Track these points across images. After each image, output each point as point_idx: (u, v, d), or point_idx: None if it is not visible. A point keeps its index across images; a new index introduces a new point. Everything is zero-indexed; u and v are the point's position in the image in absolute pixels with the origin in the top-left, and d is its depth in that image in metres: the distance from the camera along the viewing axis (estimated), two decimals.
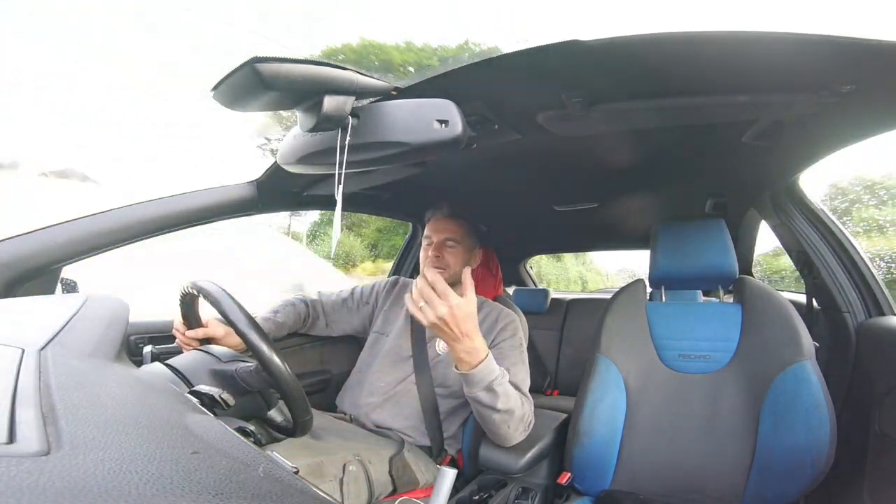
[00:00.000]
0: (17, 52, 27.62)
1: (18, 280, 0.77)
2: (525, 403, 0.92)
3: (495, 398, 0.83)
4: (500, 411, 0.85)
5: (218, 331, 0.89)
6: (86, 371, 0.38)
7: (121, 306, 0.58)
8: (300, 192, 1.10)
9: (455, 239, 1.09)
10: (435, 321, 0.77)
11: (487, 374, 0.82)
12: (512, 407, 0.86)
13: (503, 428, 0.88)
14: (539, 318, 2.18)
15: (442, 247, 1.09)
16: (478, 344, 0.81)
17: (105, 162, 15.15)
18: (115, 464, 0.24)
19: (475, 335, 0.80)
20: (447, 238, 1.09)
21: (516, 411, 0.87)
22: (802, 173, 1.03)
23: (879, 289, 0.99)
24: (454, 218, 1.12)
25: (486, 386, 0.82)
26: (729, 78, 0.63)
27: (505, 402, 0.84)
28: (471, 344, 0.80)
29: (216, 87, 0.54)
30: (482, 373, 0.81)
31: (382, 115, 0.60)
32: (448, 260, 1.08)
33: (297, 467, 0.41)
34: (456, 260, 1.09)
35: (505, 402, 0.84)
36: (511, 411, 0.86)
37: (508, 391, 0.85)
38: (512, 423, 0.88)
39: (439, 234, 1.10)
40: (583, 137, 0.86)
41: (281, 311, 1.14)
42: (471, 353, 0.80)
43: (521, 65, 0.61)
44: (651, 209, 1.54)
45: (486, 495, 0.93)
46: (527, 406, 0.92)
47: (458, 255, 1.10)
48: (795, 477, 0.85)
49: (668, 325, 1.09)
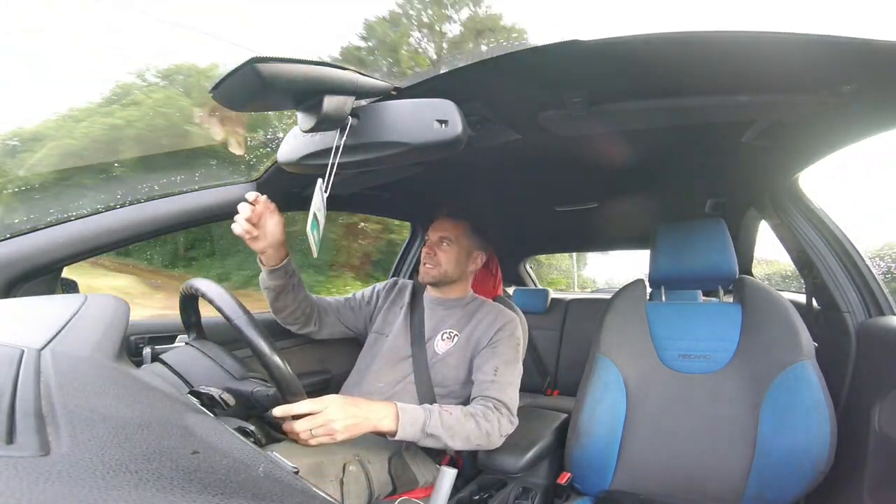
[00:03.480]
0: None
1: (18, 280, 0.77)
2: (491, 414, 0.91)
3: (439, 440, 0.83)
4: (457, 441, 0.85)
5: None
6: (86, 371, 0.38)
7: (121, 306, 0.58)
8: (300, 191, 1.10)
9: (450, 238, 1.10)
10: (333, 429, 0.74)
11: (413, 424, 0.81)
12: (465, 433, 0.86)
13: (472, 446, 0.88)
14: (539, 318, 2.19)
15: (436, 245, 1.10)
16: (375, 406, 0.81)
17: None
18: (115, 464, 0.24)
19: (362, 404, 0.80)
20: (442, 237, 1.10)
21: (472, 434, 0.87)
22: (802, 173, 1.03)
23: (879, 289, 0.99)
24: (453, 218, 1.13)
25: (424, 434, 0.82)
26: (729, 78, 0.63)
27: (454, 435, 0.84)
28: (369, 411, 0.79)
29: (216, 87, 0.54)
30: (409, 426, 0.81)
31: (382, 115, 0.60)
32: (440, 258, 1.09)
33: (297, 467, 0.41)
34: (448, 258, 1.10)
35: (454, 435, 0.84)
36: (466, 437, 0.86)
37: (450, 423, 0.85)
38: (477, 441, 0.88)
39: (436, 232, 1.11)
40: (583, 137, 0.86)
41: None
42: (382, 417, 0.80)
43: (521, 65, 0.61)
44: (651, 209, 1.54)
45: (486, 495, 0.93)
46: (493, 415, 0.91)
47: (451, 253, 1.10)
48: (795, 477, 0.85)
49: (668, 325, 1.09)
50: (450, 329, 1.09)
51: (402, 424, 0.80)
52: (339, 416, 0.75)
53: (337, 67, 0.56)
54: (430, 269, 1.10)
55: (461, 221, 1.13)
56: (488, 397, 0.95)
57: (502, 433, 0.92)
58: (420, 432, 0.82)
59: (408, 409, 0.83)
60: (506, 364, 0.99)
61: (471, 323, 1.08)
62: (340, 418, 0.75)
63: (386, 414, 0.81)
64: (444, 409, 0.86)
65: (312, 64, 0.54)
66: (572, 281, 10.40)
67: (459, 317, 1.10)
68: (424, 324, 1.12)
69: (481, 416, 0.90)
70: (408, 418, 0.81)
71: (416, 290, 1.21)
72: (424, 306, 1.15)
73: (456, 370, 1.04)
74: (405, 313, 1.15)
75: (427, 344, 1.09)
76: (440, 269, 1.09)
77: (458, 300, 1.14)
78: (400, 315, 1.15)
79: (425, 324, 1.12)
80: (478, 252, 1.16)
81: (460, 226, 1.12)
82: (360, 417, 0.77)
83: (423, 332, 1.10)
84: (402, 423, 0.80)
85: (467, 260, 1.13)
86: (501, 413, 0.93)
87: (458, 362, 1.04)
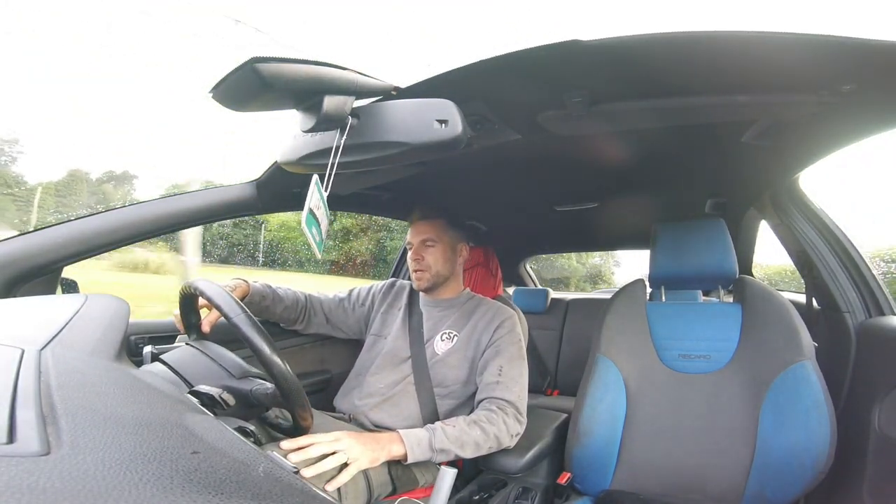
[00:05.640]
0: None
1: (19, 280, 0.77)
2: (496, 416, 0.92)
3: (450, 453, 0.85)
4: (468, 450, 0.86)
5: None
6: (86, 371, 0.38)
7: (121, 306, 0.58)
8: (300, 191, 1.10)
9: (432, 238, 1.10)
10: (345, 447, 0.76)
11: (419, 444, 0.83)
12: (473, 440, 0.87)
13: (485, 451, 0.89)
14: (539, 318, 2.19)
15: (420, 248, 1.10)
16: (381, 436, 0.83)
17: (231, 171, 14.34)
18: (115, 464, 0.24)
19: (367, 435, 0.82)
20: (424, 239, 1.10)
21: (480, 440, 0.88)
22: (802, 173, 1.03)
23: (879, 289, 0.99)
24: (428, 219, 1.13)
25: (433, 450, 0.84)
26: (729, 78, 0.63)
27: (463, 445, 0.86)
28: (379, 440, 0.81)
29: (216, 88, 0.54)
30: (416, 448, 0.83)
31: (382, 115, 0.60)
32: (428, 260, 1.10)
33: (298, 467, 0.41)
34: (436, 258, 1.10)
35: (463, 445, 0.86)
36: (476, 443, 0.87)
37: (455, 434, 0.86)
38: (488, 445, 0.89)
39: (416, 236, 1.12)
40: (583, 137, 0.86)
41: (283, 289, 1.14)
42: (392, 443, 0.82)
43: (521, 65, 0.61)
44: (651, 209, 1.54)
45: (486, 495, 0.93)
46: (498, 416, 0.92)
47: (437, 253, 1.10)
48: (795, 476, 0.85)
49: (668, 325, 1.09)
50: (449, 329, 1.09)
51: (409, 447, 0.82)
52: (358, 450, 0.77)
53: (337, 67, 0.56)
54: (422, 274, 1.10)
55: (437, 219, 1.13)
56: (493, 398, 0.95)
57: (511, 433, 0.92)
58: (429, 450, 0.83)
59: (410, 432, 0.84)
60: (509, 362, 0.99)
61: (470, 322, 1.08)
62: (361, 452, 0.77)
63: (392, 439, 0.83)
64: (446, 424, 0.88)
65: (312, 64, 0.54)
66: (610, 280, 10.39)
67: (458, 316, 1.10)
68: (423, 325, 1.12)
69: (485, 420, 0.90)
70: (413, 440, 0.83)
71: (413, 291, 1.21)
72: (422, 308, 1.15)
73: (457, 370, 1.04)
74: (403, 315, 1.15)
75: (426, 345, 1.09)
76: (431, 270, 1.10)
77: (453, 300, 1.14)
78: (398, 317, 1.15)
79: (424, 325, 1.12)
80: (461, 244, 1.16)
81: (438, 223, 1.12)
82: (377, 448, 0.80)
83: (422, 334, 1.10)
84: (410, 446, 0.82)
85: (454, 255, 1.14)
86: (507, 413, 0.93)
87: (459, 362, 1.04)
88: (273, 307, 1.10)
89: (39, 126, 21.48)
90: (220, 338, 0.84)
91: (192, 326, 0.84)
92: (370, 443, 0.80)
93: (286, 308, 1.13)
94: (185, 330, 0.85)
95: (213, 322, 0.87)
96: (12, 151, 6.29)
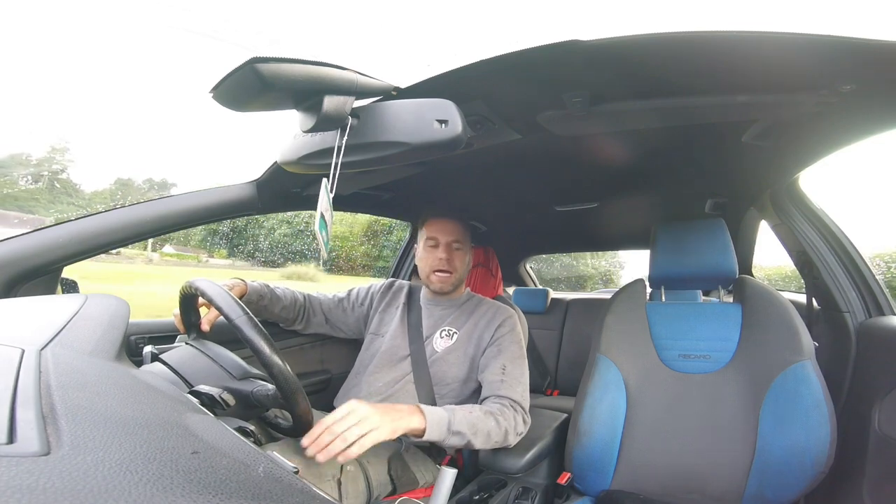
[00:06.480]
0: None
1: (19, 280, 0.77)
2: (507, 412, 0.91)
3: (463, 437, 0.83)
4: (479, 439, 0.85)
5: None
6: (86, 371, 0.38)
7: (121, 306, 0.58)
8: (300, 191, 1.10)
9: (460, 241, 1.09)
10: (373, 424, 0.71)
11: (439, 423, 0.80)
12: (486, 429, 0.86)
13: (491, 444, 0.88)
14: (539, 318, 2.18)
15: (449, 250, 1.08)
16: (400, 407, 0.79)
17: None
18: (115, 464, 0.24)
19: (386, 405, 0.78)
20: (452, 241, 1.08)
21: (492, 431, 0.86)
22: (802, 173, 1.03)
23: (879, 289, 0.99)
24: (457, 219, 1.11)
25: (450, 431, 0.81)
26: (729, 78, 0.63)
27: (476, 432, 0.84)
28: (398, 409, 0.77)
29: (216, 88, 0.54)
30: (435, 425, 0.80)
31: (382, 115, 0.60)
32: (456, 263, 1.08)
33: (297, 467, 0.41)
34: (462, 262, 1.09)
35: (476, 432, 0.84)
36: (487, 434, 0.86)
37: (472, 420, 0.84)
38: (496, 438, 0.88)
39: (447, 235, 1.08)
40: (583, 137, 0.86)
41: (281, 289, 1.14)
42: (411, 415, 0.78)
43: (522, 65, 0.61)
44: (651, 209, 1.54)
45: (486, 495, 0.93)
46: (509, 413, 0.91)
47: (463, 257, 1.09)
48: (795, 476, 0.85)
49: (668, 325, 1.09)
50: (448, 327, 1.08)
51: (430, 423, 0.79)
52: (372, 413, 0.72)
53: (337, 67, 0.56)
54: (448, 276, 1.07)
55: (460, 221, 1.12)
56: (501, 396, 0.94)
57: (517, 432, 0.92)
58: (446, 431, 0.80)
59: (430, 408, 0.81)
60: (512, 361, 0.99)
61: (470, 320, 1.08)
62: (375, 415, 0.72)
63: (413, 411, 0.79)
64: (464, 408, 0.86)
65: (312, 64, 0.54)
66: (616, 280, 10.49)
67: (458, 315, 1.10)
68: (422, 323, 1.12)
69: (499, 413, 0.90)
70: (435, 417, 0.80)
71: (412, 290, 1.21)
72: (421, 306, 1.15)
73: (456, 368, 1.04)
74: (402, 313, 1.15)
75: (426, 342, 1.09)
76: (458, 273, 1.08)
77: (455, 299, 1.14)
78: (396, 315, 1.15)
79: (423, 322, 1.12)
80: (471, 249, 1.16)
81: (462, 225, 1.11)
82: (397, 418, 0.75)
83: (421, 331, 1.10)
84: (430, 422, 0.79)
85: (471, 258, 1.14)
86: (517, 412, 0.93)
87: (459, 360, 1.04)
88: (271, 307, 1.10)
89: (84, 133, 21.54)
90: (221, 338, 0.84)
91: (191, 326, 0.84)
92: (390, 412, 0.75)
93: (284, 308, 1.13)
94: (184, 329, 0.85)
95: (212, 321, 0.86)
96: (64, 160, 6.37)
